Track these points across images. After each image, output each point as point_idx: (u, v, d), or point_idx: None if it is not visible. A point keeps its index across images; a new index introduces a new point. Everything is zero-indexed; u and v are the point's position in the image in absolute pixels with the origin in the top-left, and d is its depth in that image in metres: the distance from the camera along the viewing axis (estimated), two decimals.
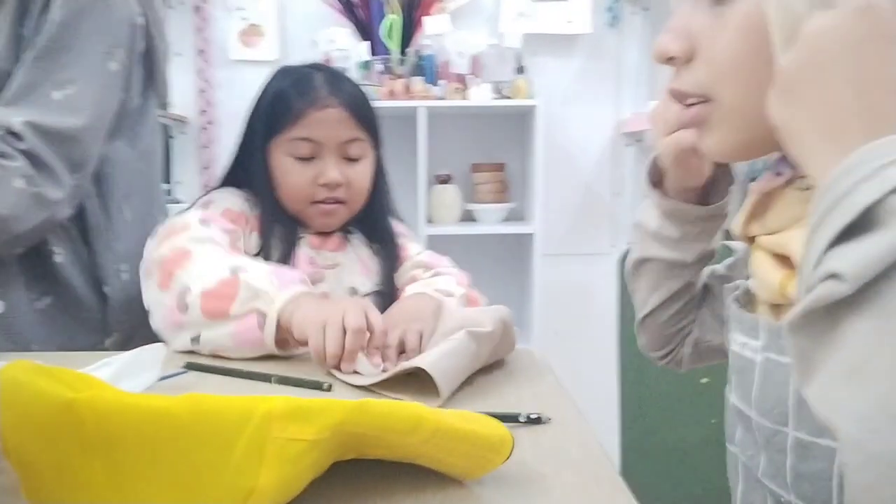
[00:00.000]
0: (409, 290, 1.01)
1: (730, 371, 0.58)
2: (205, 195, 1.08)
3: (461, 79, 2.22)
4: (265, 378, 0.73)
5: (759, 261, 0.52)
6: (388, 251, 1.12)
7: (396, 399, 0.66)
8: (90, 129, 0.99)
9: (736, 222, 0.57)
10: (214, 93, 2.40)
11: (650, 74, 2.40)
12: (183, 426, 0.40)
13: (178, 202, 2.25)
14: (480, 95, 2.17)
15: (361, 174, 1.07)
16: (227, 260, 0.87)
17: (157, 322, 0.87)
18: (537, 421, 0.60)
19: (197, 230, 0.92)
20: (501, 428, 0.49)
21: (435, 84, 2.22)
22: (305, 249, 1.06)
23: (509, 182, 2.36)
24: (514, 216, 2.37)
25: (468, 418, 0.48)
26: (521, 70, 2.24)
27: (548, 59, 2.40)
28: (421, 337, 0.81)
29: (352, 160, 1.06)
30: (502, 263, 2.44)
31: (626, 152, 2.42)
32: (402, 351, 0.81)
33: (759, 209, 0.55)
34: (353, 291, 1.05)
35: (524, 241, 2.30)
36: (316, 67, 1.11)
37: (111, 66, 1.00)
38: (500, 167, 2.34)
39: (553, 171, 2.35)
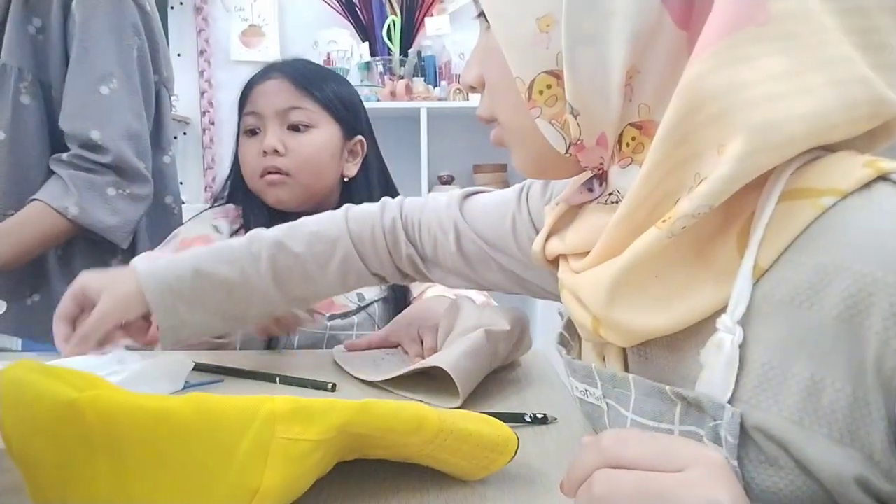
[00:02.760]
0: (429, 293, 1.00)
1: (581, 412, 0.56)
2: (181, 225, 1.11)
3: None
4: (269, 378, 0.73)
5: (567, 301, 0.51)
6: None
7: (412, 399, 0.66)
8: (142, 117, 1.10)
9: (537, 241, 0.56)
10: (216, 93, 2.41)
11: None
12: (187, 426, 0.40)
13: (182, 202, 2.26)
14: None
15: (307, 144, 1.04)
16: None
17: None
18: (544, 420, 0.60)
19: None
20: (505, 428, 0.48)
21: (436, 85, 2.22)
22: None
23: (512, 183, 2.35)
24: None
25: (472, 419, 0.48)
26: None
27: None
28: (437, 334, 0.81)
29: (297, 130, 1.04)
30: None
31: None
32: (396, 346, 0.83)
33: (561, 224, 0.54)
34: (361, 297, 1.03)
35: None
36: (297, 60, 1.11)
37: (135, 54, 1.09)
38: (502, 168, 2.33)
39: None
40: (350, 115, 1.09)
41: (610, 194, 0.48)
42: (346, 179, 1.10)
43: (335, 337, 0.97)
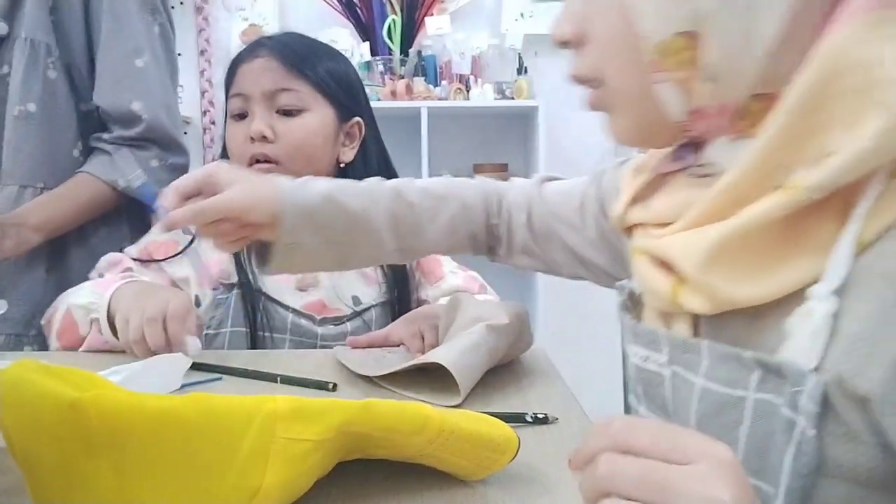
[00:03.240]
0: (441, 301, 0.99)
1: (632, 382, 0.55)
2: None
3: (463, 79, 2.22)
4: (270, 378, 0.73)
5: (641, 266, 0.49)
6: None
7: (413, 398, 0.66)
8: (170, 90, 1.18)
9: (618, 206, 0.54)
10: (217, 93, 2.40)
11: None
12: (188, 426, 0.40)
13: None
14: (482, 96, 2.17)
15: (297, 129, 0.96)
16: (70, 298, 0.90)
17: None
18: (544, 420, 0.60)
19: (82, 284, 0.95)
20: (506, 428, 0.48)
21: (437, 85, 2.22)
22: None
23: None
24: None
25: (473, 419, 0.48)
26: (522, 70, 2.23)
27: (549, 60, 2.39)
28: (437, 332, 0.81)
29: (287, 114, 0.96)
30: None
31: (627, 152, 2.41)
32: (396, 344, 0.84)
33: (646, 192, 0.52)
34: (357, 301, 0.99)
35: None
36: (287, 33, 1.04)
37: (157, 30, 1.16)
38: (502, 168, 2.33)
39: (555, 172, 2.33)
40: (346, 96, 1.00)
41: (700, 166, 0.47)
42: (342, 165, 1.03)
43: (326, 347, 0.92)
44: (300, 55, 0.97)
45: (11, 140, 1.08)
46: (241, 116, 0.98)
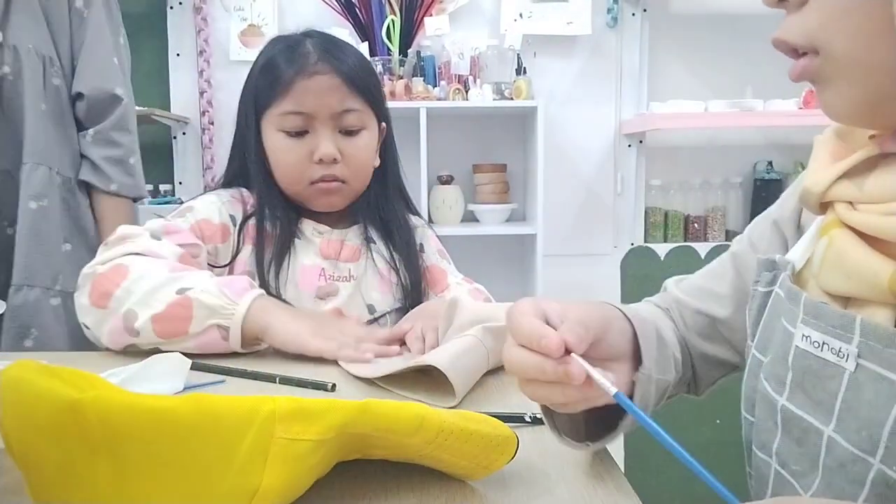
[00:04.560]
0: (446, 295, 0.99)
1: (776, 366, 0.49)
2: (192, 199, 1.00)
3: (462, 80, 2.22)
4: (269, 378, 0.73)
5: (852, 248, 0.44)
6: (405, 249, 1.02)
7: (411, 398, 0.66)
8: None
9: (819, 179, 0.48)
10: (215, 93, 2.40)
11: (650, 75, 2.41)
12: (187, 426, 0.40)
13: (180, 202, 2.27)
14: (481, 96, 2.17)
15: (361, 149, 0.98)
16: (171, 279, 0.82)
17: (100, 337, 0.83)
18: (542, 420, 0.60)
19: (139, 243, 0.86)
20: (505, 428, 0.48)
21: (435, 85, 2.23)
22: (315, 259, 0.98)
23: (512, 183, 2.36)
24: (516, 217, 2.37)
25: (472, 419, 0.48)
26: (521, 71, 2.24)
27: (548, 60, 2.40)
28: (437, 333, 0.81)
29: (349, 133, 0.97)
30: (504, 264, 2.44)
31: (627, 153, 2.42)
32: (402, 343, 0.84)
33: (861, 169, 0.46)
34: (372, 310, 0.98)
35: (526, 242, 2.30)
36: (308, 34, 1.00)
37: (121, 40, 1.38)
38: (501, 168, 2.34)
39: (554, 172, 2.35)
40: (383, 104, 1.03)
41: None
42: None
43: None
44: (357, 73, 0.97)
45: (38, 125, 1.26)
46: (299, 133, 0.96)
